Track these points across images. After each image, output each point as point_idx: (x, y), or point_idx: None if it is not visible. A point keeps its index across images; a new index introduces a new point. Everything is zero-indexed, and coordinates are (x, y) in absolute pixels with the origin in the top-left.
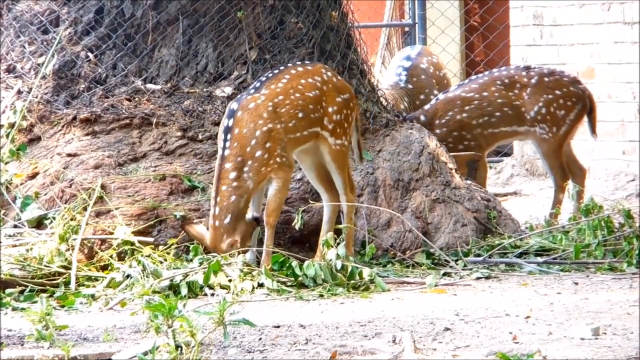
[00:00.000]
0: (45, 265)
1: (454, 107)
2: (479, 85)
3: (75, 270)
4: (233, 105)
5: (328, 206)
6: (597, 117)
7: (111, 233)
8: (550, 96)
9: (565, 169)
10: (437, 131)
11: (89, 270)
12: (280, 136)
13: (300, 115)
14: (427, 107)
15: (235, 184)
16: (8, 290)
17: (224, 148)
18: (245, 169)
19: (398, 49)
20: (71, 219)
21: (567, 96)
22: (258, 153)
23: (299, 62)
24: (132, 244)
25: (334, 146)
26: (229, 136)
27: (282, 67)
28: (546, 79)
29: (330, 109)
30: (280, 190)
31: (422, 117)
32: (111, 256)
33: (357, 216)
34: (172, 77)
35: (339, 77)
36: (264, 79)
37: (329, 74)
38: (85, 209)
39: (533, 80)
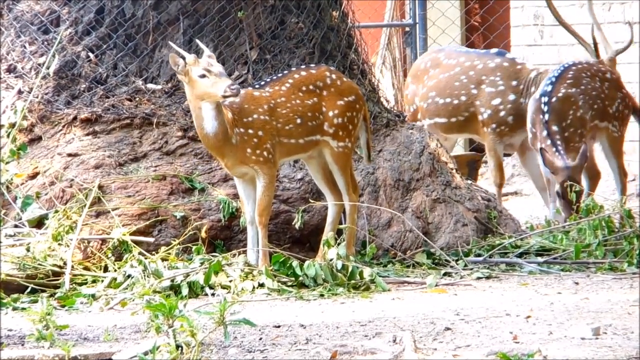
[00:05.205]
0: (39, 264)
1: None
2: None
3: (70, 270)
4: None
5: (333, 207)
6: None
7: (109, 233)
8: (620, 93)
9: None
10: None
11: (85, 269)
12: (273, 132)
13: (298, 121)
14: None
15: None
16: (13, 296)
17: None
18: (235, 130)
19: (398, 49)
20: (67, 219)
21: (627, 96)
22: (250, 131)
23: (304, 66)
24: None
25: (336, 148)
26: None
27: (286, 72)
28: (608, 75)
29: (330, 113)
30: (267, 187)
31: None
32: (107, 256)
33: (357, 216)
34: (172, 77)
35: (345, 79)
36: (268, 79)
37: (333, 76)
38: (82, 209)
39: (608, 75)
